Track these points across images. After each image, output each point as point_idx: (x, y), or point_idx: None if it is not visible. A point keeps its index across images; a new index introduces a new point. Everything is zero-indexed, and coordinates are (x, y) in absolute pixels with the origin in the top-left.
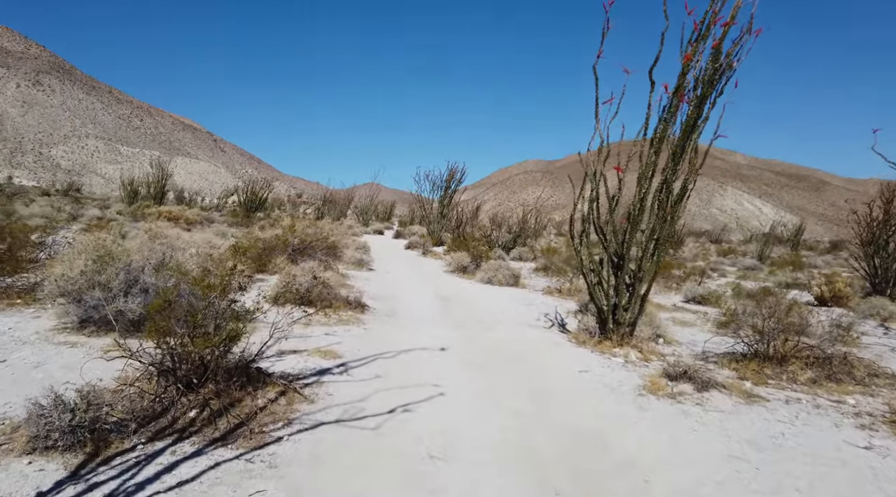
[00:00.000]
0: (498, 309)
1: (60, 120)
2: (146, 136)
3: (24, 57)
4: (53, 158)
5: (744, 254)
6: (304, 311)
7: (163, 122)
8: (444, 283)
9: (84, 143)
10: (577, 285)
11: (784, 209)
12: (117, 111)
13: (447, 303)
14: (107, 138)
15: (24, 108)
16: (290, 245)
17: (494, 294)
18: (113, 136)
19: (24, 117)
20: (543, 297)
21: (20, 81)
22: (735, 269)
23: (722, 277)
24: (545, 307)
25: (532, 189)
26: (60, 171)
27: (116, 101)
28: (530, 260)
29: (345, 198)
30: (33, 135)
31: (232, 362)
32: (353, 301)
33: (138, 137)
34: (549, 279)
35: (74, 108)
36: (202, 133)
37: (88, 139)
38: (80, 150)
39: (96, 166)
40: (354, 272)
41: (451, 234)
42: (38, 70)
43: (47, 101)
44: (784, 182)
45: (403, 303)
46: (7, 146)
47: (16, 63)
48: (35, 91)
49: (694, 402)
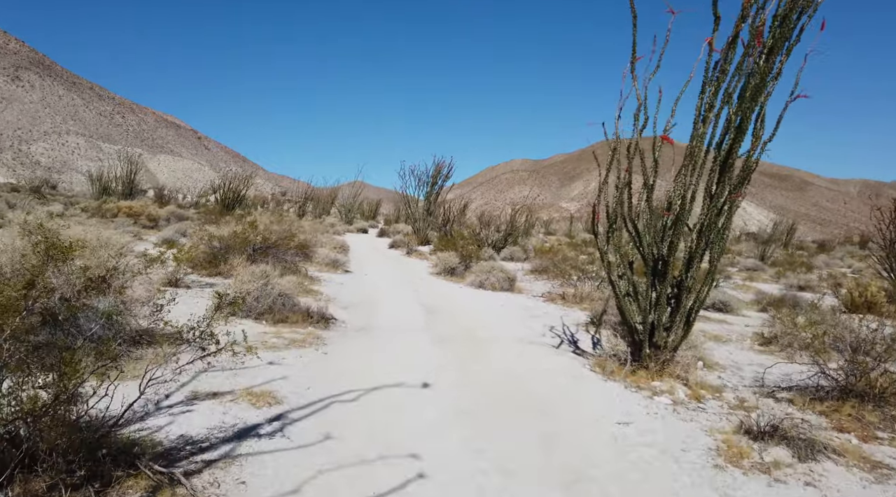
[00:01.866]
0: (494, 320)
1: (40, 116)
2: (128, 133)
3: (3, 52)
4: (33, 155)
5: (739, 253)
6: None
7: (145, 120)
8: (430, 287)
9: (65, 140)
10: (581, 291)
11: (768, 209)
12: (99, 108)
13: (433, 313)
14: (88, 135)
15: (2, 104)
16: (252, 244)
17: (488, 301)
18: (94, 133)
19: (3, 113)
20: (545, 304)
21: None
22: (736, 271)
23: (727, 279)
24: (549, 318)
25: (519, 188)
26: (40, 168)
27: (98, 97)
28: (522, 260)
29: (328, 195)
30: (12, 131)
31: (82, 426)
32: (316, 313)
33: (120, 135)
34: (546, 282)
35: (55, 104)
36: (186, 130)
37: (69, 136)
38: (60, 147)
39: (77, 163)
40: (327, 275)
41: (437, 232)
42: (16, 65)
43: (26, 96)
44: (767, 182)
45: (380, 313)
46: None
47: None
48: (14, 86)
49: (801, 480)
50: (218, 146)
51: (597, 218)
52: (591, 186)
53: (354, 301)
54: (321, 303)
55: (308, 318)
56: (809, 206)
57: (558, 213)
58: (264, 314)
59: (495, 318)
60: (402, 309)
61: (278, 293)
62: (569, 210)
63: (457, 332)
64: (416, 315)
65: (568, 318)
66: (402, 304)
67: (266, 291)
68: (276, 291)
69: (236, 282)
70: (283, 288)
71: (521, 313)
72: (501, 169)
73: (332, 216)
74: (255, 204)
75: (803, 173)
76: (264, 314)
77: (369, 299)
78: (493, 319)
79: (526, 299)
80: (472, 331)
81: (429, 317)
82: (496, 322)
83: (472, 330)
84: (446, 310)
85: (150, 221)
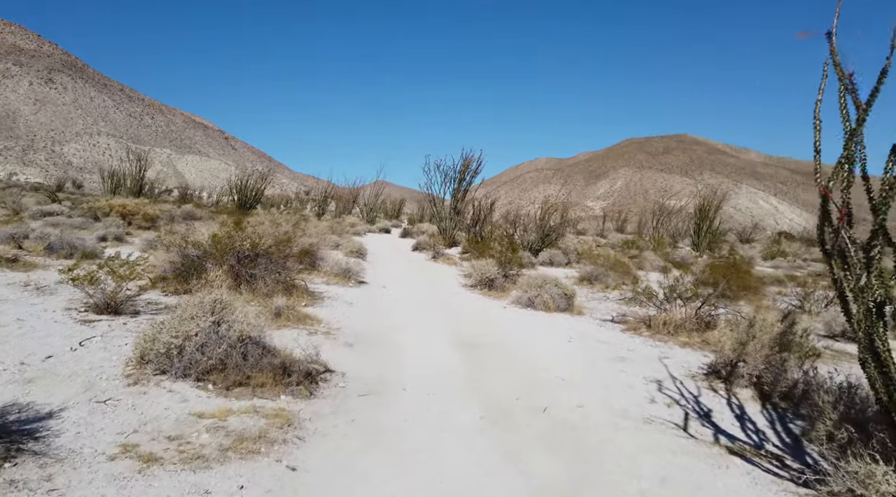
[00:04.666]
0: (566, 369)
1: (72, 117)
2: (157, 133)
3: (37, 55)
4: (65, 156)
5: (796, 256)
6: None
7: (174, 120)
8: (465, 305)
9: (96, 141)
10: (672, 317)
11: (800, 207)
12: (129, 109)
13: (474, 353)
14: (118, 136)
15: (36, 105)
16: (236, 251)
17: (545, 328)
18: (124, 133)
19: (37, 115)
20: (625, 335)
21: (32, 79)
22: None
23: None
24: (642, 360)
25: (543, 187)
26: (72, 169)
27: (128, 98)
28: (565, 265)
29: (349, 194)
30: (45, 132)
31: None
32: (298, 369)
33: (149, 135)
34: (600, 292)
35: (86, 105)
36: (213, 131)
37: (100, 137)
38: (91, 148)
39: (107, 164)
40: (335, 289)
41: (466, 233)
42: (50, 68)
43: (59, 98)
44: (800, 180)
45: (399, 356)
46: (19, 144)
47: (28, 61)
48: (47, 89)
49: None
50: (245, 146)
51: (840, 218)
52: (617, 185)
53: (365, 333)
54: (316, 338)
55: (283, 376)
56: None
57: (584, 211)
58: (212, 372)
59: (567, 365)
60: (429, 346)
61: (238, 337)
62: (594, 209)
63: (515, 391)
64: (450, 360)
65: (672, 363)
66: (429, 337)
67: (218, 335)
68: (236, 334)
69: (172, 320)
70: (248, 328)
71: (600, 353)
72: (526, 168)
73: (353, 215)
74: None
75: None
76: (212, 372)
77: (385, 330)
78: (565, 366)
79: (597, 327)
80: (538, 390)
81: (469, 362)
82: (571, 372)
83: (538, 388)
84: (492, 347)
85: (147, 221)
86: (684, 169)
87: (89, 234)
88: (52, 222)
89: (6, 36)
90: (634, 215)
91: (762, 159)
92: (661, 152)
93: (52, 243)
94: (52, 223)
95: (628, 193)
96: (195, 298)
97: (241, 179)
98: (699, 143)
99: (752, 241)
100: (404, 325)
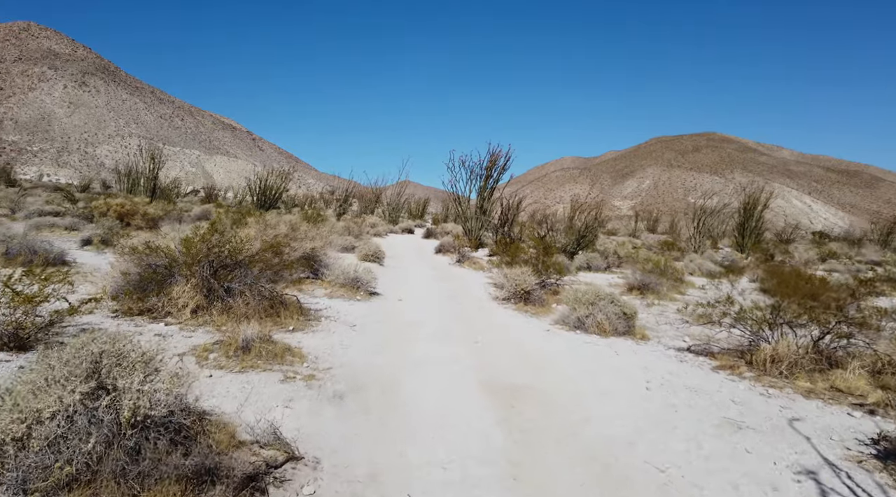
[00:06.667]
0: (661, 446)
1: (105, 120)
2: (187, 135)
3: (72, 59)
4: (98, 157)
5: (848, 257)
6: None
7: (203, 122)
8: (498, 328)
9: (127, 143)
10: (781, 350)
11: (835, 206)
12: (159, 111)
13: (516, 411)
14: (149, 138)
15: (70, 108)
16: (210, 260)
17: (608, 367)
18: (155, 135)
19: (71, 117)
20: (717, 375)
21: (67, 83)
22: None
23: (880, 297)
24: (764, 426)
25: (570, 186)
26: (105, 170)
27: (159, 101)
28: (604, 269)
29: (372, 194)
30: (79, 134)
31: None
32: (233, 472)
33: (179, 137)
34: (656, 306)
35: (118, 108)
36: (241, 132)
37: (132, 138)
38: (123, 149)
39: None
40: (339, 304)
41: (493, 233)
42: (84, 71)
43: (92, 101)
44: (835, 178)
45: (406, 422)
46: (54, 145)
47: (63, 65)
48: (81, 92)
49: None
50: (271, 147)
51: None
52: (644, 184)
53: (364, 375)
54: (291, 389)
55: (199, 493)
56: (882, 203)
57: (611, 211)
58: (70, 491)
59: (659, 437)
60: (452, 398)
61: (131, 416)
62: (621, 208)
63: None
64: (482, 424)
65: (811, 430)
66: (453, 381)
67: (94, 416)
68: (128, 411)
69: (21, 389)
70: (160, 392)
71: (699, 413)
72: (551, 167)
73: (375, 215)
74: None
75: (874, 169)
76: (70, 491)
77: (393, 368)
78: (658, 441)
79: (675, 361)
80: (626, 495)
81: (511, 431)
82: (670, 454)
83: (625, 490)
84: (540, 399)
85: (147, 222)
86: (714, 167)
87: (75, 236)
88: (38, 223)
89: (42, 41)
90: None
91: (795, 157)
92: (691, 150)
93: (9, 248)
94: (37, 224)
95: (657, 192)
96: (72, 347)
97: (260, 178)
98: (729, 141)
99: (793, 241)
100: (420, 359)
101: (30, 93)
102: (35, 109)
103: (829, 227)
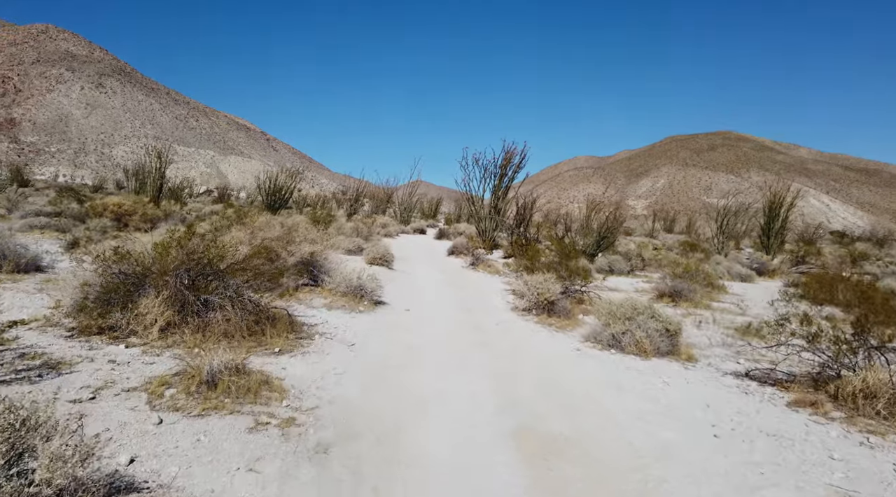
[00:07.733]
0: None
1: (121, 121)
2: (202, 135)
3: (88, 60)
4: (114, 158)
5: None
6: None
7: (218, 123)
8: (521, 348)
9: (143, 144)
10: (872, 384)
11: (854, 206)
12: (175, 112)
13: (551, 476)
14: (164, 138)
15: (87, 109)
16: (186, 267)
17: (658, 402)
18: (170, 136)
19: (88, 119)
20: (796, 414)
21: (84, 84)
22: None
23: None
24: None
25: (583, 185)
26: (120, 171)
27: (174, 102)
28: (627, 273)
29: (384, 193)
30: (96, 135)
31: None
32: None
33: (194, 137)
34: (693, 316)
35: (134, 109)
36: (256, 132)
37: (147, 139)
38: (139, 150)
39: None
40: (337, 317)
41: (508, 234)
42: (100, 73)
43: (109, 102)
44: (853, 177)
45: (411, 496)
46: (71, 147)
47: (80, 66)
48: (98, 93)
49: None
50: (285, 147)
51: None
52: (659, 183)
53: (358, 417)
54: (260, 441)
55: None
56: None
57: (626, 211)
58: None
59: None
60: (470, 453)
61: None
62: (636, 208)
63: None
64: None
65: None
66: (469, 427)
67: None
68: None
69: None
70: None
71: (793, 476)
72: (565, 166)
73: (386, 215)
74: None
75: (894, 168)
76: None
77: (394, 408)
78: None
79: (737, 392)
80: None
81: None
82: None
83: None
84: (581, 454)
85: (146, 223)
86: (730, 166)
87: (64, 237)
88: (30, 224)
89: (60, 43)
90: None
91: (813, 156)
92: (706, 149)
93: None
94: (28, 225)
95: (672, 192)
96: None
97: (270, 177)
98: (745, 140)
99: (816, 241)
100: (428, 395)
101: (48, 94)
102: (53, 111)
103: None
